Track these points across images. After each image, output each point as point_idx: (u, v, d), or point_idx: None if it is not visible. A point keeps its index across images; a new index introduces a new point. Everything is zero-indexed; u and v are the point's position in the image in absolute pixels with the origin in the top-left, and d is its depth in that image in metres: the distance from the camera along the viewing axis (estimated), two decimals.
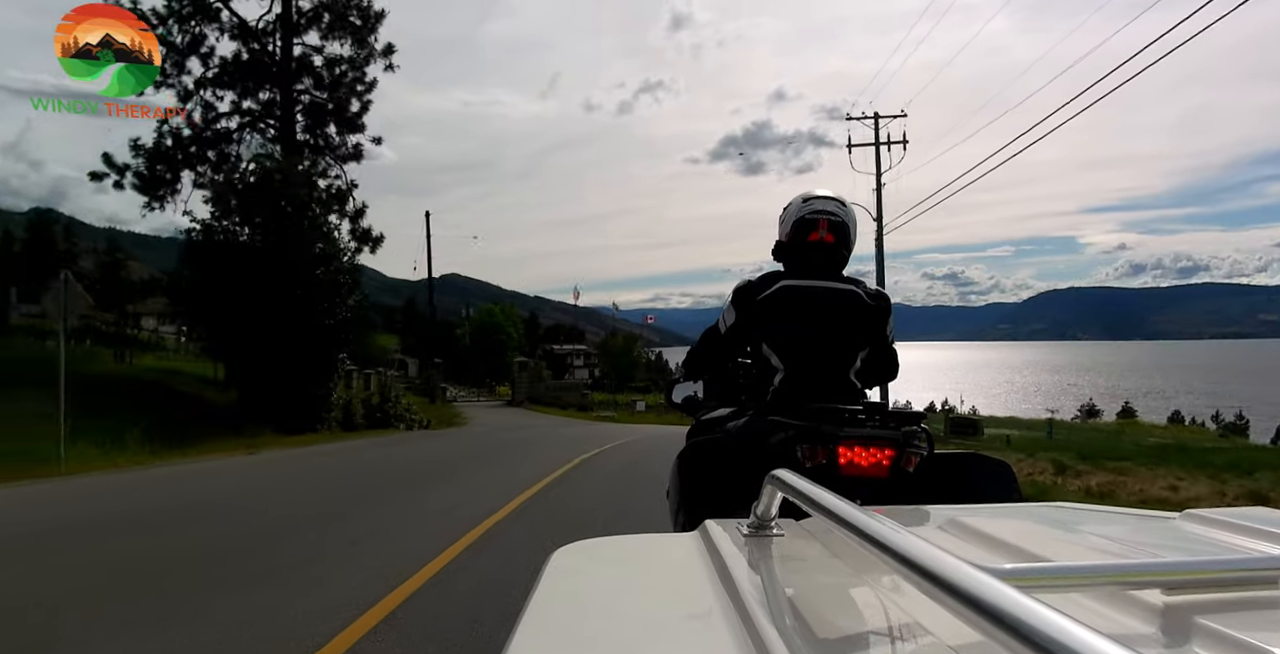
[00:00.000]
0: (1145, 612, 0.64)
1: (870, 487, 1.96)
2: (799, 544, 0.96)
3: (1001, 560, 0.77)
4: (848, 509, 0.67)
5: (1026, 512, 1.32)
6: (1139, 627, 0.62)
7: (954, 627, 0.52)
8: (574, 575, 0.92)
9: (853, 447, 2.02)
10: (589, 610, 0.81)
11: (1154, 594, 0.65)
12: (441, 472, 11.59)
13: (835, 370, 2.35)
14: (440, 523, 6.45)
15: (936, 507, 1.24)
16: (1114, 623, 0.63)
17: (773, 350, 2.37)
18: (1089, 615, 0.64)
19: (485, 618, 3.69)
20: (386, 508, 7.52)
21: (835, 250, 2.41)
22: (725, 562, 0.83)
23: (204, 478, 10.66)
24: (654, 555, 1.02)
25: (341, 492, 9.22)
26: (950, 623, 0.51)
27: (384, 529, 6.35)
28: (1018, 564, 0.68)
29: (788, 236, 2.43)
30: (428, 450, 16.38)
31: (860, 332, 2.38)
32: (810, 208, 2.40)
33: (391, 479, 10.51)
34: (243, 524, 6.62)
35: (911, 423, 2.08)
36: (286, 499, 8.57)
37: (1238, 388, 75.80)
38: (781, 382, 2.34)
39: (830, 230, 2.37)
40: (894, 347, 2.52)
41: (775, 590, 0.78)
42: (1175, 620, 0.62)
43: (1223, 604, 0.65)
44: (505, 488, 8.78)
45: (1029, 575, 0.62)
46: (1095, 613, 0.65)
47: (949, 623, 0.53)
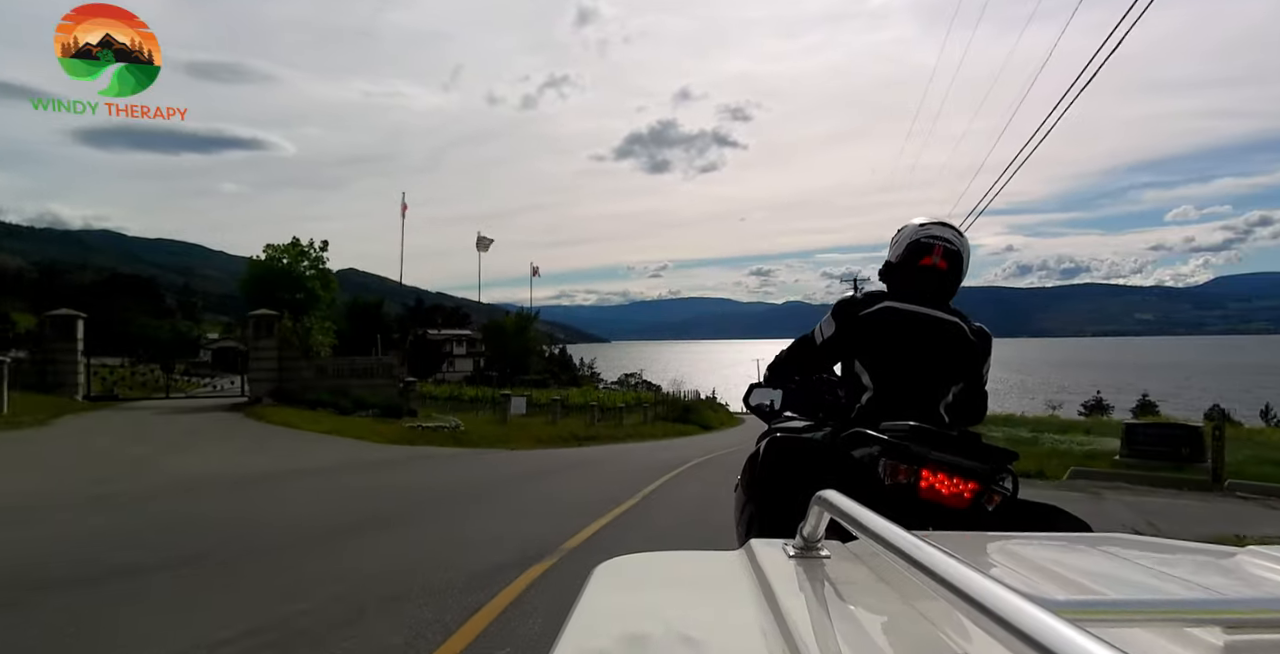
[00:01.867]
0: (1205, 650, 0.62)
1: (946, 516, 1.92)
2: (845, 567, 0.94)
3: (1056, 592, 0.76)
4: (897, 533, 0.65)
5: (1082, 542, 1.24)
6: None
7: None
8: (615, 592, 0.92)
9: (937, 472, 1.95)
10: (630, 628, 0.79)
11: (1214, 632, 0.63)
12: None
13: (926, 399, 2.31)
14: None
15: (989, 534, 1.26)
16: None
17: (865, 369, 2.35)
18: (1145, 652, 0.63)
19: None
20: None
21: (946, 278, 2.38)
22: (770, 583, 0.83)
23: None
24: (697, 573, 1.01)
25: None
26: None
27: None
28: (1072, 597, 0.70)
29: (899, 258, 2.41)
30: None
31: (958, 365, 2.36)
32: (927, 232, 2.39)
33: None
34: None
35: (1003, 460, 2.01)
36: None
37: (1147, 381, 76.51)
38: (869, 401, 2.32)
39: (944, 257, 2.36)
40: (985, 388, 2.49)
41: (819, 615, 0.77)
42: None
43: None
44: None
45: (1084, 608, 0.61)
46: (1152, 650, 0.63)
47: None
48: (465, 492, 9.70)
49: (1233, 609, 0.64)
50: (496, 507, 8.28)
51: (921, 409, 2.24)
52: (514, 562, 5.34)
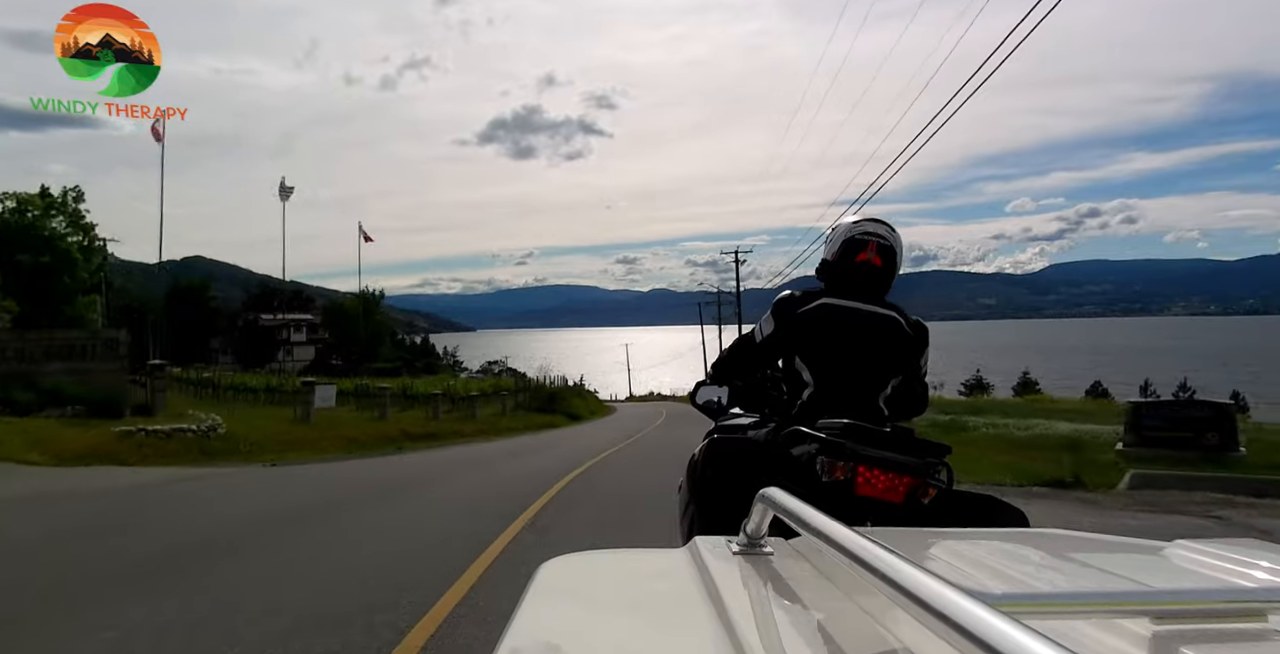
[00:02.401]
0: (1133, 640, 0.64)
1: (883, 511, 1.96)
2: (788, 564, 0.94)
3: (993, 586, 0.74)
4: (838, 529, 0.67)
5: (1018, 537, 1.30)
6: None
7: (943, 651, 0.50)
8: (560, 590, 0.91)
9: (872, 468, 1.99)
10: (573, 627, 0.79)
11: (1143, 623, 0.65)
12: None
13: (865, 394, 2.34)
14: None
15: (929, 530, 1.24)
16: (1102, 650, 0.62)
17: (805, 365, 2.37)
18: (1078, 642, 0.63)
19: None
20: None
21: (881, 273, 2.41)
22: (714, 579, 0.83)
23: None
24: (642, 571, 1.00)
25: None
26: (939, 648, 0.49)
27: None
28: (1008, 590, 0.70)
29: (834, 256, 2.44)
30: None
31: (896, 359, 2.38)
32: (861, 229, 2.43)
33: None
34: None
35: (936, 454, 2.08)
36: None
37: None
38: (810, 397, 2.34)
39: (878, 253, 2.39)
40: (925, 381, 2.53)
41: (763, 610, 0.78)
42: (1163, 650, 0.62)
43: (1210, 635, 0.65)
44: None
45: (1018, 601, 0.64)
46: (1084, 641, 0.64)
47: (938, 648, 0.50)
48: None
49: (1160, 600, 0.67)
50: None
51: (861, 403, 2.30)
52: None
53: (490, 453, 16.01)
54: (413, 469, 12.02)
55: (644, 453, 15.59)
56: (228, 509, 7.36)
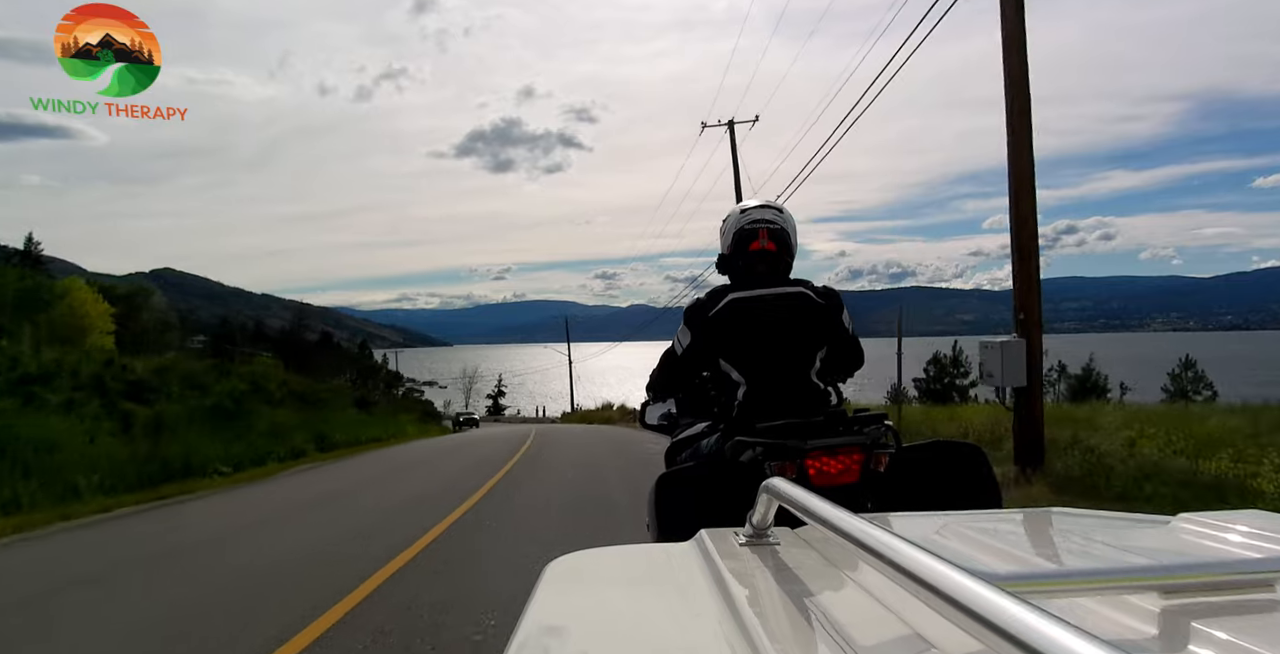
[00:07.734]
0: (1142, 615, 0.64)
1: (845, 492, 1.97)
2: (795, 552, 0.95)
3: (998, 566, 0.75)
4: (843, 517, 0.67)
5: (1022, 517, 1.30)
6: (1136, 631, 0.62)
7: (951, 634, 0.52)
8: (570, 586, 0.91)
9: (820, 457, 2.03)
10: (583, 623, 0.79)
11: (1150, 598, 0.65)
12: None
13: (795, 375, 2.34)
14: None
15: (933, 513, 1.23)
16: (1111, 627, 0.62)
17: (731, 365, 2.37)
18: (1086, 620, 0.64)
19: None
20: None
21: (778, 257, 2.41)
22: (722, 571, 0.83)
23: None
24: (650, 566, 1.00)
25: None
26: (948, 630, 0.50)
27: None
28: (1013, 570, 0.70)
29: (730, 249, 2.45)
30: None
31: (814, 331, 2.37)
32: (748, 218, 2.42)
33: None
34: None
35: (874, 423, 2.11)
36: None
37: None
38: (745, 395, 2.33)
39: (770, 238, 2.39)
40: (855, 337, 2.49)
41: (772, 600, 0.78)
42: (1172, 624, 0.62)
43: (1218, 607, 0.64)
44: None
45: (1024, 580, 0.65)
46: (1092, 617, 0.65)
47: (946, 630, 0.52)
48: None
49: (1168, 575, 0.66)
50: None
51: (794, 387, 2.31)
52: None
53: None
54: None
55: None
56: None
